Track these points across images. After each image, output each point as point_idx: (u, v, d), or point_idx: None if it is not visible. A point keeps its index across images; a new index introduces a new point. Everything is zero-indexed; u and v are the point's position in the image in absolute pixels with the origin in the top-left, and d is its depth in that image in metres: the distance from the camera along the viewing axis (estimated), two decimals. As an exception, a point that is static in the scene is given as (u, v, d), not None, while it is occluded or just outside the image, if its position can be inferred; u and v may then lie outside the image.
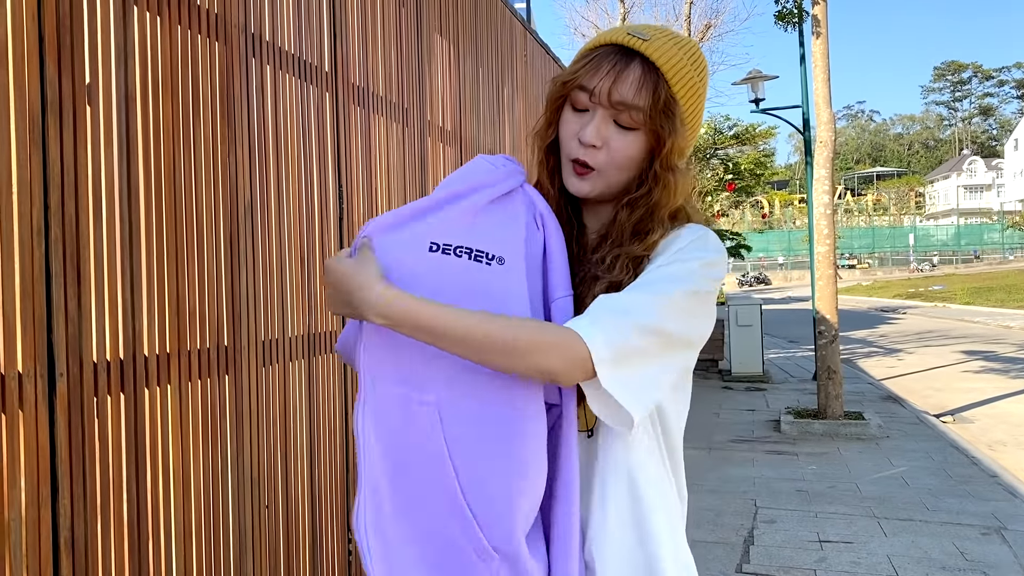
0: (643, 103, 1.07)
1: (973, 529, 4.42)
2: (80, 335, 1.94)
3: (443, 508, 0.99)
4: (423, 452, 0.99)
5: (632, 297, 1.01)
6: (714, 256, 1.08)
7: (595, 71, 1.09)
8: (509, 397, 1.00)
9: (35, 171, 1.82)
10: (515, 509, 0.99)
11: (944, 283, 32.89)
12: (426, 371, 1.00)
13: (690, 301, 1.03)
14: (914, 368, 11.74)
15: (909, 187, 74.95)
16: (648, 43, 1.08)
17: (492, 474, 0.99)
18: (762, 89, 10.77)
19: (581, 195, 1.13)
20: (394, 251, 1.02)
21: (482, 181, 1.08)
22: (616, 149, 1.09)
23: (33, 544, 1.80)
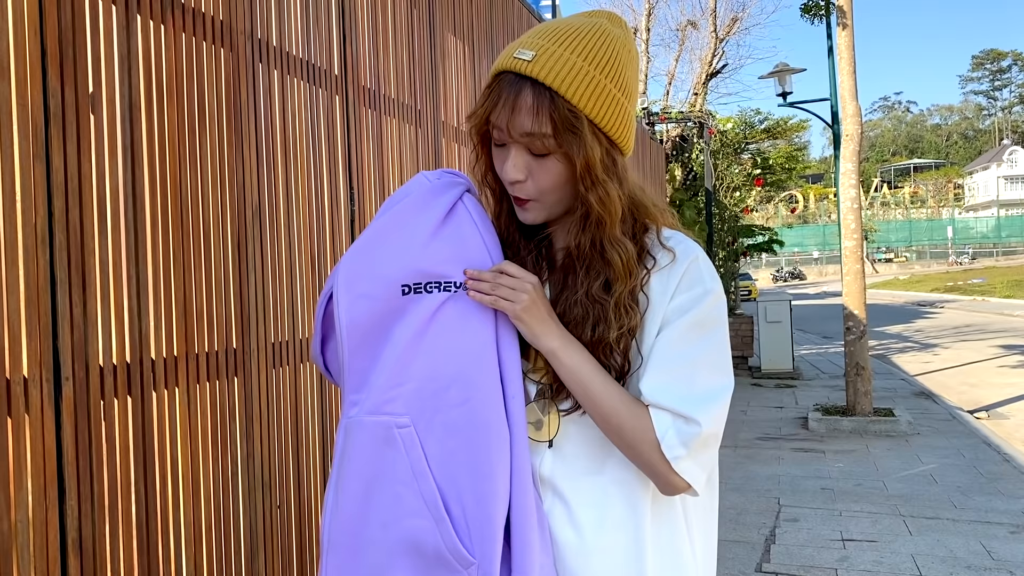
0: (544, 128, 1.03)
1: (1002, 527, 4.33)
2: (86, 340, 1.98)
3: (420, 521, 1.02)
4: (401, 471, 1.03)
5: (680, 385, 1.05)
6: (713, 285, 1.10)
7: (494, 105, 1.06)
8: (472, 408, 1.05)
9: (39, 180, 1.86)
10: (490, 516, 1.02)
11: (984, 276, 32.26)
12: (393, 397, 1.05)
13: (719, 354, 1.08)
14: (949, 363, 11.54)
15: (947, 179, 73.59)
16: (533, 62, 1.03)
17: (467, 484, 1.04)
18: (789, 83, 10.65)
19: (529, 223, 1.14)
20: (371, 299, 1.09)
21: (425, 202, 1.10)
22: (540, 178, 1.08)
23: (41, 545, 1.84)
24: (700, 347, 1.07)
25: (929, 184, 70.54)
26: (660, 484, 1.07)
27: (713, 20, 14.85)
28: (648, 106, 13.45)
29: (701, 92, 14.57)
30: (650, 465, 1.05)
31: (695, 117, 12.48)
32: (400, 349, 1.06)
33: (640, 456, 1.05)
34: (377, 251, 1.10)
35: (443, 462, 1.04)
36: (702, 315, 1.07)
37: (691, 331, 1.07)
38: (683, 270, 1.09)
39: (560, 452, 1.11)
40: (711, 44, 14.80)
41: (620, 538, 1.10)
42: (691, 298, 1.08)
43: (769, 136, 21.11)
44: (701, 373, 1.06)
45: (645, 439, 1.04)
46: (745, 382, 10.22)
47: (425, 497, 1.02)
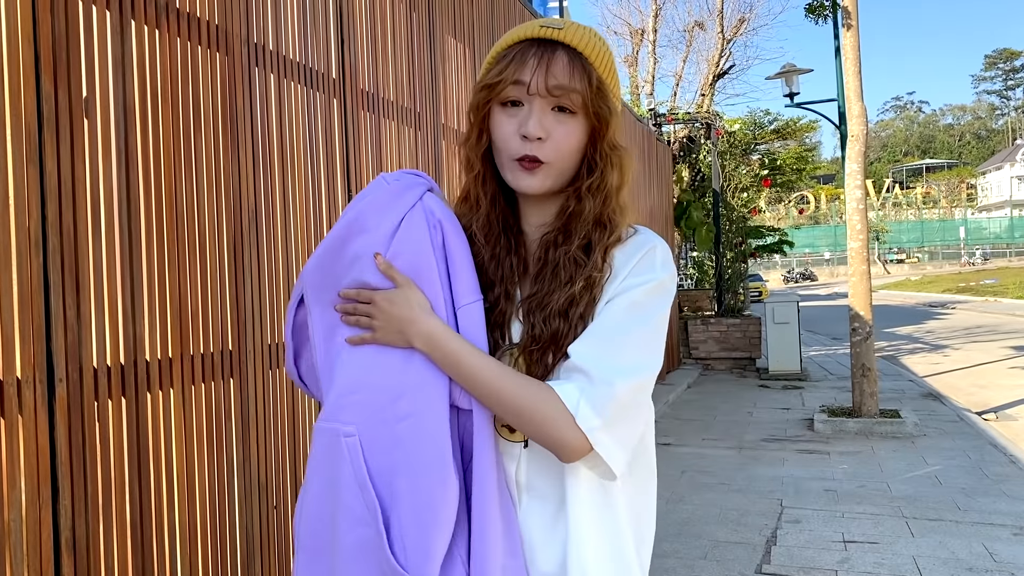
0: (580, 86, 1.08)
1: (1005, 529, 4.31)
2: (79, 342, 2.00)
3: (365, 530, 1.03)
4: (348, 479, 1.04)
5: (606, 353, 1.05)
6: (662, 274, 1.11)
7: (522, 64, 1.09)
8: (417, 422, 1.04)
9: (32, 184, 1.89)
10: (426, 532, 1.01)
11: (996, 277, 32.06)
12: (346, 404, 1.06)
13: (652, 336, 1.09)
14: (959, 364, 11.47)
15: (960, 179, 73.14)
16: (564, 31, 1.10)
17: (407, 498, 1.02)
18: (796, 83, 10.62)
19: (532, 191, 1.12)
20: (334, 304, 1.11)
21: (381, 208, 1.10)
22: (560, 138, 1.09)
23: (34, 544, 1.86)
24: (634, 325, 1.08)
25: (941, 184, 70.14)
26: (565, 454, 1.04)
27: (720, 21, 14.84)
28: (655, 107, 13.45)
29: (708, 93, 14.56)
30: (558, 436, 1.03)
31: (702, 118, 12.47)
32: (352, 357, 1.08)
33: (547, 429, 1.03)
34: (336, 258, 1.10)
35: (385, 473, 1.03)
36: (643, 297, 1.09)
37: (630, 309, 1.08)
38: (643, 253, 1.12)
39: (535, 451, 1.11)
40: (718, 45, 14.79)
41: (599, 536, 1.11)
42: (639, 281, 1.10)
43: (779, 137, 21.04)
44: (628, 348, 1.06)
45: (552, 410, 1.02)
46: (752, 383, 10.18)
47: (368, 507, 1.02)
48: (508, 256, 1.16)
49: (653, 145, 10.68)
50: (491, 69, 1.12)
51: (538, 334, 1.09)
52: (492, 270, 1.15)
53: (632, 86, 16.42)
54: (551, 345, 1.08)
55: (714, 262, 12.58)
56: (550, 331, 1.08)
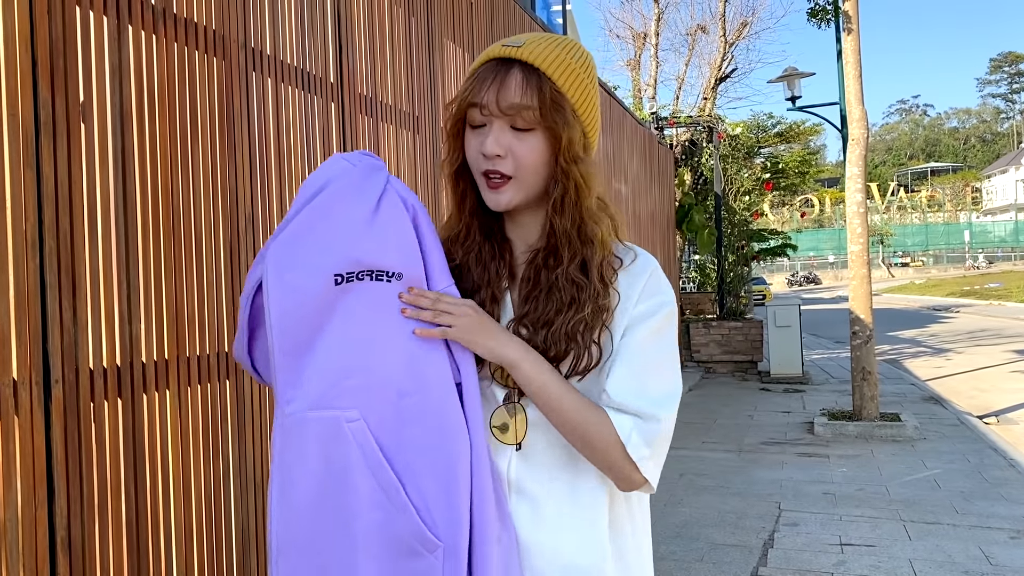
0: (531, 102, 1.10)
1: (1002, 532, 4.32)
2: (76, 343, 2.02)
3: (382, 512, 1.02)
4: (356, 465, 1.03)
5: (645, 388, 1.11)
6: (669, 296, 1.17)
7: (480, 85, 1.12)
8: (424, 397, 1.05)
9: (29, 188, 1.91)
10: (452, 498, 1.03)
11: (1001, 280, 31.99)
12: (340, 391, 1.04)
13: (675, 360, 1.16)
14: (962, 368, 11.46)
15: (965, 182, 72.99)
16: (522, 48, 1.12)
17: (426, 470, 1.04)
18: (798, 87, 10.62)
19: (500, 208, 1.15)
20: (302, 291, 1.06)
21: (353, 187, 1.08)
22: (520, 154, 1.12)
23: (30, 544, 1.88)
24: (657, 353, 1.13)
25: (946, 188, 70.00)
26: (621, 483, 1.12)
27: (722, 25, 14.86)
28: (657, 110, 13.47)
29: (710, 96, 14.56)
30: (613, 466, 1.10)
31: (704, 121, 12.48)
32: (338, 341, 1.05)
33: (604, 458, 1.09)
34: (306, 240, 1.07)
35: (398, 451, 1.04)
36: (660, 323, 1.14)
37: (651, 337, 1.13)
38: (646, 277, 1.16)
39: (527, 455, 1.14)
40: (720, 48, 14.81)
41: (585, 537, 1.13)
42: (651, 307, 1.15)
43: (783, 140, 21.03)
44: (662, 378, 1.13)
45: (610, 441, 1.08)
46: (754, 387, 10.19)
47: (385, 488, 1.02)
48: (493, 261, 1.18)
49: (655, 148, 10.70)
50: (463, 85, 1.16)
51: (543, 350, 1.12)
52: (478, 274, 1.17)
53: (634, 89, 16.44)
54: (554, 362, 1.12)
55: (716, 265, 12.59)
56: (555, 350, 1.12)
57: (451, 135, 1.17)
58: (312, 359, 1.05)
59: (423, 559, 1.01)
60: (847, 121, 7.59)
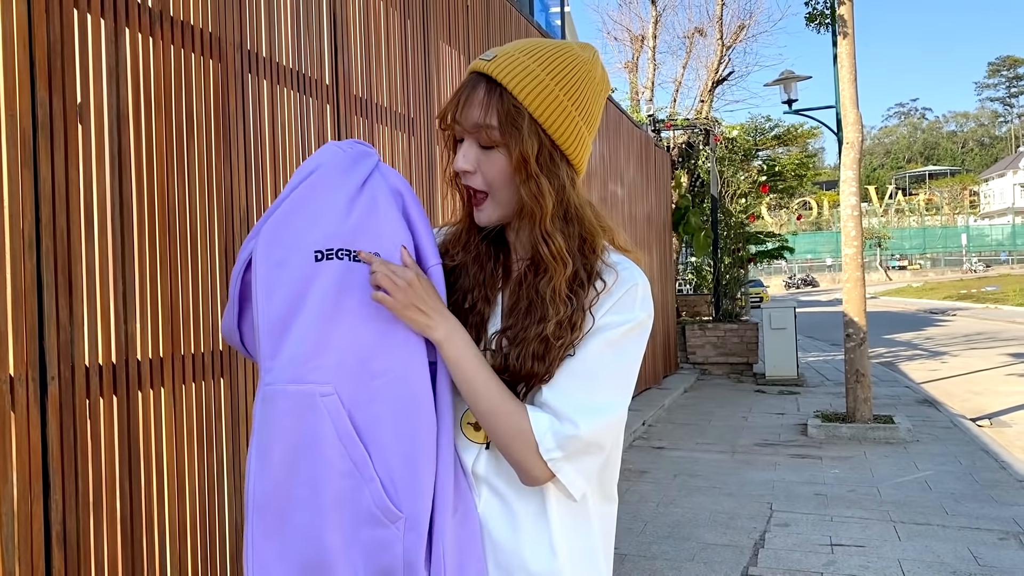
0: (491, 120, 1.11)
1: (991, 534, 4.35)
2: (72, 341, 2.06)
3: (350, 482, 1.08)
4: (327, 436, 1.07)
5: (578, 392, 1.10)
6: (640, 314, 1.14)
7: (454, 102, 1.14)
8: (395, 377, 1.10)
9: (26, 187, 1.94)
10: (416, 474, 1.08)
11: (998, 284, 32.05)
12: (315, 367, 1.08)
13: (624, 375, 1.13)
14: (957, 371, 11.50)
15: (963, 186, 73.10)
16: (491, 62, 1.12)
17: (393, 446, 1.09)
18: (795, 90, 10.67)
19: (482, 224, 1.18)
20: (285, 266, 1.10)
21: (340, 171, 1.13)
22: (487, 171, 1.14)
23: (25, 538, 1.91)
24: (607, 364, 1.12)
25: (944, 191, 70.10)
26: (524, 478, 1.11)
27: (720, 28, 14.90)
28: (654, 113, 13.50)
29: (707, 99, 14.60)
30: (522, 462, 1.09)
31: (701, 124, 12.52)
32: (315, 317, 1.08)
33: (513, 452, 1.09)
34: (292, 218, 1.11)
35: (368, 427, 1.08)
36: (619, 337, 1.13)
37: (605, 348, 1.12)
38: (621, 294, 1.15)
39: (496, 453, 1.16)
40: (718, 51, 14.85)
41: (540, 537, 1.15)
42: (618, 320, 1.13)
43: (780, 143, 21.08)
44: (599, 388, 1.11)
45: (521, 438, 1.08)
46: (748, 388, 10.22)
47: (354, 460, 1.07)
48: (490, 262, 1.20)
49: (652, 151, 10.73)
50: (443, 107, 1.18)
51: (510, 366, 1.13)
52: (474, 274, 1.20)
53: (632, 92, 16.48)
54: (523, 380, 1.12)
55: (712, 268, 12.62)
56: (523, 369, 1.11)
57: (448, 145, 1.20)
58: (291, 333, 1.08)
59: (386, 529, 1.07)
60: (842, 124, 7.63)
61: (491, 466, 1.16)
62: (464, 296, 1.19)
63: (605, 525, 1.23)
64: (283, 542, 1.09)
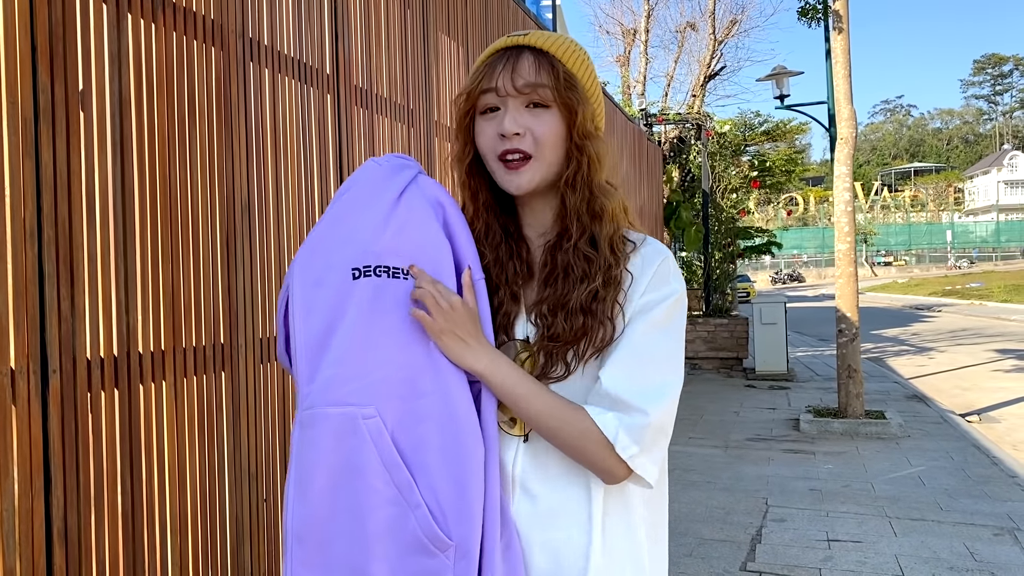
0: (546, 80, 1.13)
1: (986, 529, 4.37)
2: (73, 333, 2.01)
3: (395, 510, 1.03)
4: (371, 462, 1.03)
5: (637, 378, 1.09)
6: (678, 286, 1.16)
7: (491, 71, 1.15)
8: (440, 397, 1.05)
9: (28, 175, 1.89)
10: (465, 498, 1.04)
11: (982, 280, 32.29)
12: (357, 388, 1.04)
13: (675, 351, 1.13)
14: (944, 367, 11.57)
15: (948, 182, 73.60)
16: (528, 36, 1.16)
17: (439, 469, 1.04)
18: (787, 85, 10.67)
19: (520, 190, 1.15)
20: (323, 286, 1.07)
21: (375, 186, 1.10)
22: (539, 132, 1.13)
23: (26, 534, 1.87)
24: (658, 344, 1.12)
25: (929, 188, 70.56)
26: (605, 478, 1.11)
27: (712, 22, 14.89)
28: (646, 107, 13.49)
29: (699, 94, 14.59)
30: (597, 464, 1.09)
31: (693, 119, 12.51)
32: (354, 336, 1.04)
33: (588, 456, 1.08)
34: (329, 236, 1.09)
35: (413, 449, 1.04)
36: (664, 314, 1.13)
37: (653, 328, 1.12)
38: (657, 264, 1.16)
39: (533, 447, 1.14)
40: (710, 46, 14.84)
41: (581, 534, 1.12)
42: (658, 297, 1.14)
43: (769, 138, 21.11)
44: (655, 368, 1.11)
45: (593, 440, 1.07)
46: (739, 383, 10.24)
47: (399, 486, 1.02)
48: (511, 260, 1.19)
49: (644, 145, 10.71)
50: (467, 82, 1.17)
51: (558, 332, 1.11)
52: (496, 273, 1.18)
53: (624, 86, 16.45)
54: (574, 342, 1.11)
55: (702, 262, 12.63)
56: (573, 328, 1.10)
57: (461, 129, 1.19)
58: (329, 354, 1.05)
59: (435, 558, 1.02)
60: (835, 120, 7.64)
61: (528, 463, 1.14)
62: (490, 297, 1.17)
63: (656, 514, 1.21)
64: (324, 573, 1.05)
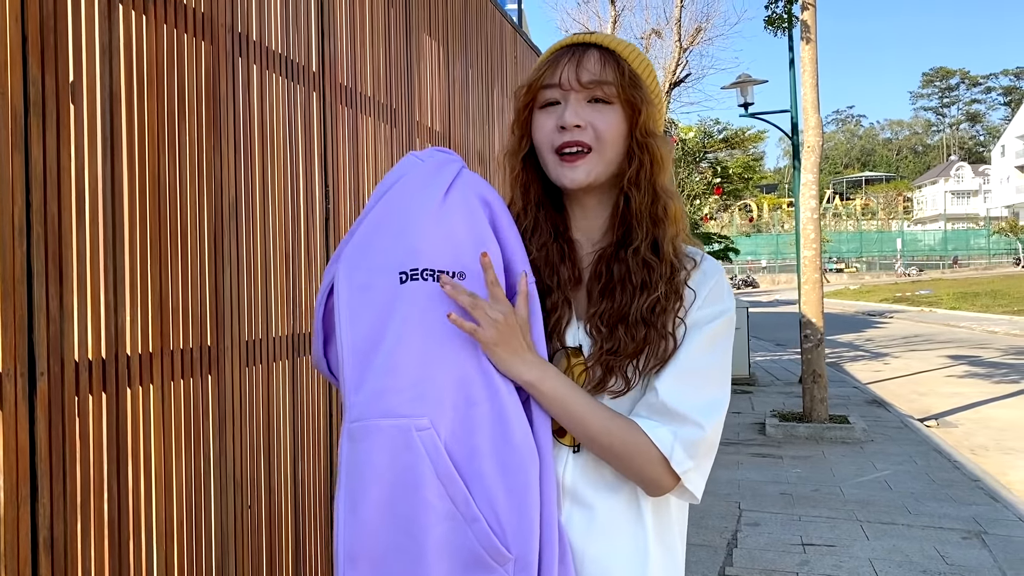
0: (611, 77, 1.12)
1: (955, 533, 4.45)
2: (62, 334, 1.93)
3: (452, 523, 1.00)
4: (426, 475, 0.99)
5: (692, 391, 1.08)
6: (730, 304, 1.16)
7: (556, 66, 1.14)
8: (492, 405, 1.02)
9: (17, 170, 1.82)
10: (523, 509, 1.01)
11: (930, 288, 33.08)
12: (408, 399, 1.00)
13: (726, 368, 1.14)
14: (899, 372, 11.81)
15: (897, 192, 75.35)
16: (594, 35, 1.16)
17: (495, 479, 1.01)
18: (751, 93, 10.82)
19: (576, 184, 1.13)
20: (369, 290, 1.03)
21: (421, 183, 1.07)
22: (600, 127, 1.12)
23: (11, 543, 1.79)
24: (710, 360, 1.11)
25: (880, 197, 72.15)
26: (652, 491, 1.09)
27: (677, 30, 15.01)
28: (612, 112, 13.53)
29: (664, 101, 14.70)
30: (647, 479, 1.07)
31: (658, 125, 12.59)
32: (404, 344, 1.00)
33: (637, 469, 1.07)
34: (374, 238, 1.04)
35: (468, 460, 1.00)
36: (718, 331, 1.13)
37: (706, 343, 1.12)
38: (714, 281, 1.16)
39: (584, 457, 1.12)
40: (675, 54, 14.96)
41: (635, 548, 1.11)
42: (713, 313, 1.13)
43: (727, 146, 21.40)
44: (710, 384, 1.10)
45: (647, 455, 1.05)
46: (703, 388, 10.30)
47: (455, 499, 0.99)
48: (562, 263, 1.16)
49: (610, 150, 10.76)
50: (530, 76, 1.17)
51: (617, 346, 1.09)
52: (547, 276, 1.15)
53: (588, 90, 16.48)
54: (635, 355, 1.09)
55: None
56: (635, 341, 1.09)
57: (518, 122, 1.18)
58: (378, 362, 1.01)
59: (494, 572, 0.99)
60: (799, 128, 7.76)
61: (578, 473, 1.12)
62: (542, 300, 1.15)
63: (682, 520, 1.22)
64: None
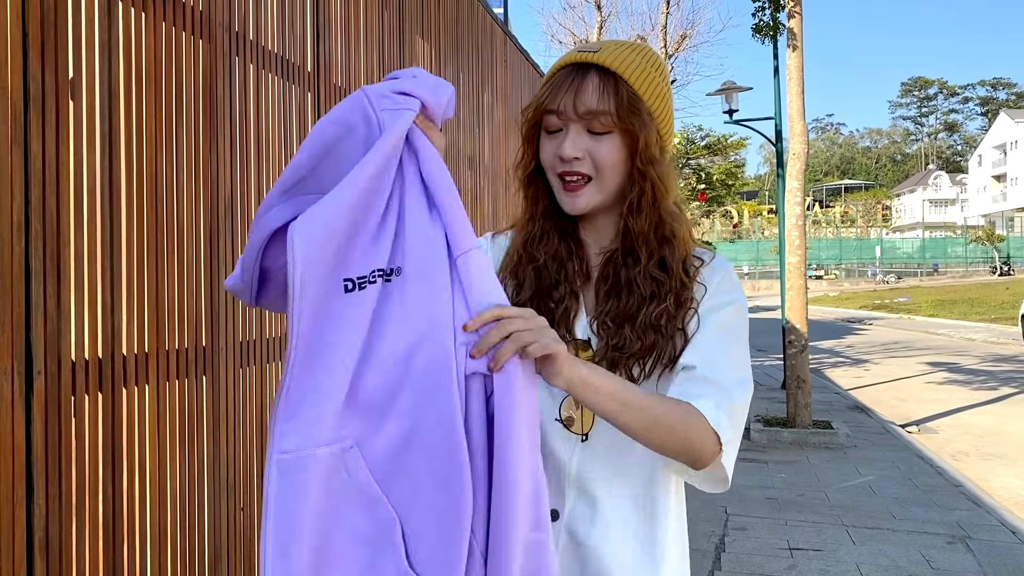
0: (608, 107, 1.11)
1: (939, 538, 4.49)
2: (59, 333, 1.91)
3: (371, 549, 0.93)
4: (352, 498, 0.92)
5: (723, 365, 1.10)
6: (742, 296, 1.18)
7: (556, 91, 1.13)
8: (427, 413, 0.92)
9: (16, 166, 1.80)
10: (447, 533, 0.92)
11: (909, 295, 33.40)
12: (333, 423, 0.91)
13: (746, 353, 1.15)
14: (880, 378, 11.91)
15: (876, 200, 76.10)
16: (598, 53, 1.13)
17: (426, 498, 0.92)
18: (736, 100, 10.87)
19: (577, 211, 1.15)
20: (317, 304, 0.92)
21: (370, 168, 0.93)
22: (598, 157, 1.12)
23: (7, 545, 1.77)
24: (732, 343, 1.14)
25: (859, 204, 72.80)
26: (697, 464, 1.07)
27: (663, 36, 15.09)
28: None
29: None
30: (698, 451, 1.04)
31: (643, 130, 12.64)
32: (341, 362, 0.91)
33: (692, 444, 1.03)
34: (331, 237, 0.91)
35: (395, 477, 0.92)
36: (732, 318, 1.15)
37: (725, 329, 1.14)
38: (723, 274, 1.18)
39: (592, 448, 1.13)
40: (660, 59, 15.01)
41: (644, 545, 1.12)
42: (724, 301, 1.16)
43: (710, 152, 21.52)
44: (735, 363, 1.12)
45: (701, 428, 1.04)
46: (686, 392, 10.35)
47: (380, 523, 0.91)
48: (570, 260, 1.18)
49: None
50: (536, 95, 1.17)
51: (624, 344, 1.10)
52: (555, 270, 1.17)
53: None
54: (641, 356, 1.10)
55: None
56: (643, 343, 1.10)
57: (526, 139, 1.18)
58: (315, 385, 0.91)
59: None
60: (784, 135, 7.81)
61: (585, 463, 1.13)
62: (548, 293, 1.16)
63: (684, 515, 1.26)
64: None
